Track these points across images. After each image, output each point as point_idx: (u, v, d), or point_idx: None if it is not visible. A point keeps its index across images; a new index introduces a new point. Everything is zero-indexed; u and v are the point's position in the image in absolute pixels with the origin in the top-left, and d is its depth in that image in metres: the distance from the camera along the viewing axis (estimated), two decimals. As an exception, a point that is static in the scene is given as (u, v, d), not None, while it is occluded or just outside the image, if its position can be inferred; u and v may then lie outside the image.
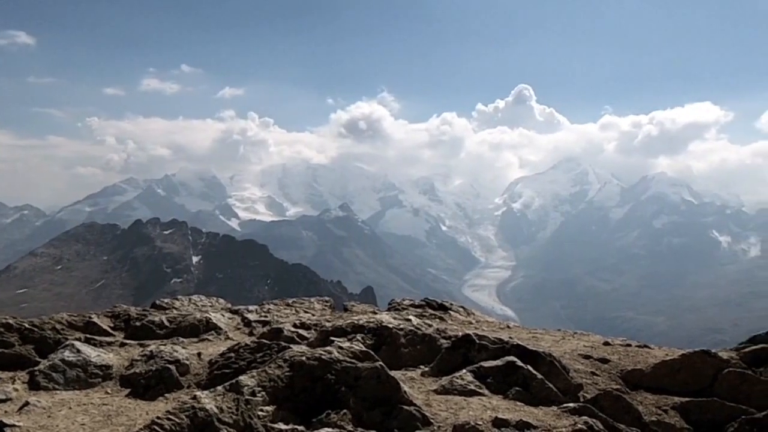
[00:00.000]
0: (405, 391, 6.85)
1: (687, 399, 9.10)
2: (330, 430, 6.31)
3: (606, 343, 10.82)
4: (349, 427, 6.43)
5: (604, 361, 9.72)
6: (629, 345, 10.91)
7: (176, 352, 8.42)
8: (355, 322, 9.21)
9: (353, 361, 7.03)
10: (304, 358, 7.00)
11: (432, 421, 6.62)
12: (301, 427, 6.43)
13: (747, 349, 10.60)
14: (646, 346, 10.94)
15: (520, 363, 7.87)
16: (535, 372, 7.80)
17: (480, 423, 6.53)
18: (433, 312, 12.04)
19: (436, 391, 7.59)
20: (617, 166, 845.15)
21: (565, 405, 7.28)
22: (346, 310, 12.51)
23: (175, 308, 11.95)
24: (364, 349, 7.36)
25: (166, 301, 12.48)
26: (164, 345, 8.96)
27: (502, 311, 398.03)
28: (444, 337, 9.13)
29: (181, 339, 9.92)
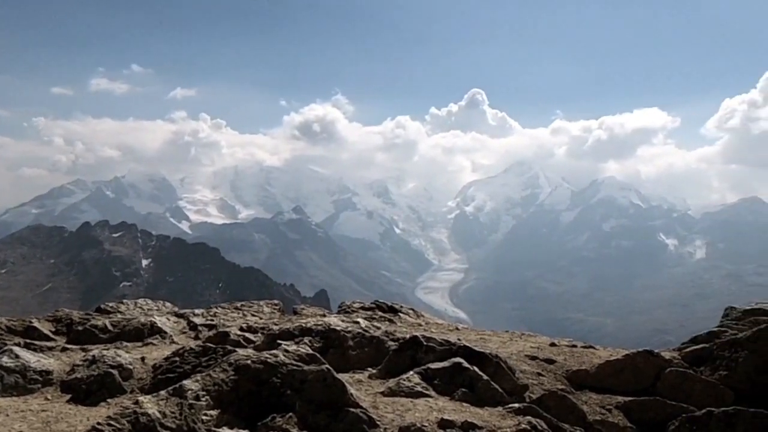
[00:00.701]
0: (351, 394, 6.84)
1: (630, 398, 9.26)
2: (275, 433, 6.29)
3: (552, 344, 10.95)
4: (295, 431, 6.40)
5: (550, 361, 9.84)
6: (575, 346, 11.06)
7: (119, 356, 8.28)
8: (303, 325, 9.19)
9: (299, 364, 7.01)
10: (249, 361, 6.96)
11: (378, 423, 6.62)
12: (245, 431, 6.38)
13: (688, 349, 10.83)
14: (591, 347, 11.10)
15: (466, 364, 7.92)
16: (481, 373, 7.86)
17: (426, 424, 6.56)
18: (383, 314, 12.04)
19: (383, 393, 7.60)
20: (568, 170, 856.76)
21: (510, 405, 7.35)
22: (295, 313, 12.46)
23: (120, 312, 11.75)
24: (310, 352, 7.34)
25: (111, 305, 12.27)
26: (107, 349, 8.80)
27: (454, 313, 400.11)
28: (392, 340, 9.14)
29: (124, 343, 9.76)
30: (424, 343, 8.47)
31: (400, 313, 12.33)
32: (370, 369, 8.61)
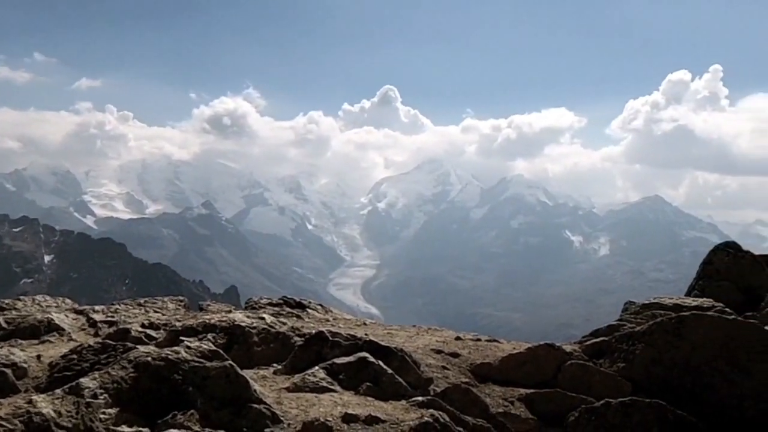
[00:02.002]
0: (255, 390, 6.78)
1: (532, 390, 9.49)
2: (176, 431, 6.16)
3: (458, 338, 11.12)
4: (197, 428, 6.29)
5: (455, 355, 9.99)
6: (479, 340, 11.25)
7: (13, 354, 7.94)
8: (207, 321, 9.04)
9: (202, 360, 6.88)
10: (149, 358, 6.79)
11: (282, 418, 6.59)
12: (145, 429, 6.23)
13: (588, 342, 11.18)
14: (495, 341, 11.33)
15: (371, 359, 7.97)
16: (386, 367, 7.91)
17: (330, 419, 6.56)
18: (290, 310, 11.96)
19: (287, 389, 7.57)
20: (478, 168, 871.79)
21: (414, 399, 7.43)
22: (201, 309, 12.25)
23: (16, 309, 11.29)
24: (213, 348, 7.22)
25: (6, 302, 11.77)
26: (0, 348, 8.44)
27: (366, 309, 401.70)
28: (298, 335, 9.11)
29: (19, 341, 9.38)
30: (330, 339, 8.47)
31: (308, 309, 12.27)
32: (275, 365, 8.56)
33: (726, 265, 15.89)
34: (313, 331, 8.84)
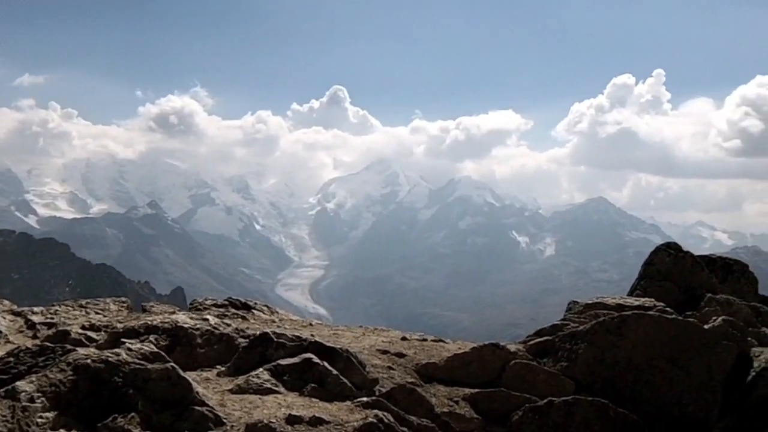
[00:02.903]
0: (198, 392, 6.69)
1: (477, 390, 9.57)
2: (116, 435, 6.04)
3: (404, 339, 11.14)
4: (137, 431, 6.18)
5: (401, 355, 10.01)
6: (425, 340, 11.29)
7: (-54, 358, 7.70)
8: (149, 322, 8.89)
9: (143, 362, 6.77)
10: (89, 361, 6.65)
11: (225, 421, 6.52)
12: (84, 434, 6.10)
13: (532, 342, 11.32)
14: (441, 341, 11.38)
15: (316, 360, 7.94)
16: (331, 368, 7.89)
17: (274, 421, 6.51)
18: (235, 311, 11.84)
19: (231, 391, 7.49)
20: (426, 169, 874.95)
21: (359, 399, 7.42)
22: (144, 311, 12.04)
23: (-49, 311, 10.95)
24: (155, 350, 7.10)
25: (-60, 304, 11.41)
26: (-68, 351, 8.17)
27: (314, 310, 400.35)
28: (243, 337, 9.02)
29: (-47, 344, 9.11)
30: (275, 340, 8.41)
31: (253, 310, 12.16)
32: (219, 367, 8.47)
33: (667, 266, 16.24)
34: (258, 333, 8.77)
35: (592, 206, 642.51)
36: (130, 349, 6.95)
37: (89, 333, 9.21)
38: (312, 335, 9.08)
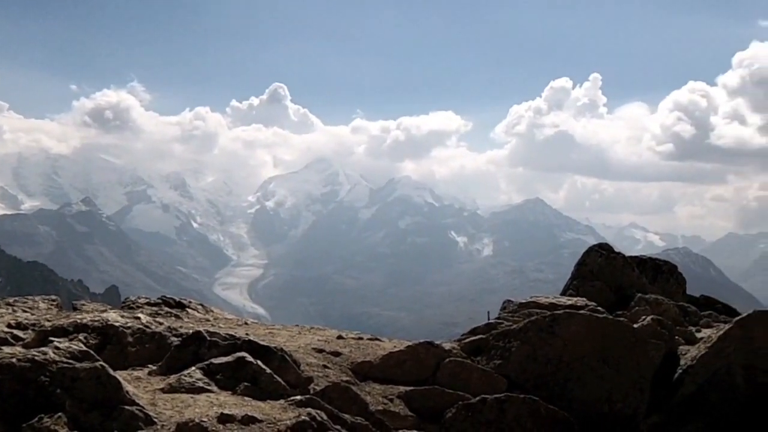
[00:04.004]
0: (128, 391, 6.59)
1: (411, 388, 9.65)
2: (41, 435, 5.90)
3: (339, 337, 11.17)
4: (64, 431, 6.05)
5: (336, 354, 10.03)
6: (361, 338, 11.34)
7: None
8: (78, 321, 8.69)
9: (71, 361, 6.63)
10: (14, 359, 6.48)
11: (155, 420, 6.43)
12: (8, 435, 5.95)
13: (467, 340, 11.48)
14: (377, 339, 11.44)
15: (250, 358, 7.89)
16: (264, 367, 7.86)
17: (205, 420, 6.45)
18: (169, 310, 11.66)
19: (162, 390, 7.39)
20: (366, 169, 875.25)
21: (292, 398, 7.41)
22: (75, 309, 11.76)
23: None
24: (83, 349, 6.96)
25: None
26: None
27: (252, 309, 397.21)
28: (175, 335, 8.91)
29: None
30: (208, 338, 8.34)
31: (188, 309, 12.01)
32: (150, 366, 8.34)
33: (599, 266, 16.62)
34: (191, 331, 8.67)
35: (529, 207, 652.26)
36: (57, 348, 6.79)
37: (15, 332, 8.93)
38: (247, 334, 9.03)
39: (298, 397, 7.39)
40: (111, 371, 6.61)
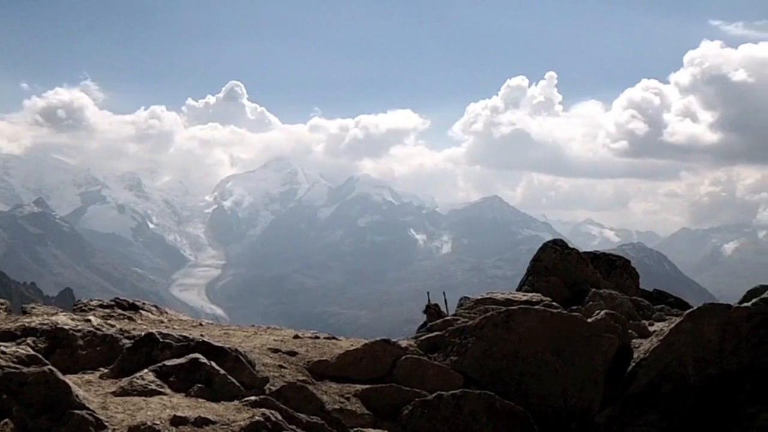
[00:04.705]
0: (77, 395, 6.47)
1: (368, 386, 9.65)
2: (-13, 442, 5.77)
3: (296, 337, 11.13)
4: (12, 438, 5.93)
5: (293, 353, 9.99)
6: (318, 337, 11.31)
7: None
8: (26, 324, 8.54)
9: (18, 366, 6.49)
10: (-41, 365, 6.33)
11: (106, 424, 6.33)
12: (-48, 443, 5.81)
13: (424, 338, 11.51)
14: (333, 338, 11.42)
15: (204, 360, 7.81)
16: (218, 368, 7.79)
17: (158, 422, 6.37)
18: (122, 312, 11.50)
19: (114, 393, 7.28)
20: (325, 167, 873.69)
21: (247, 398, 7.36)
22: (24, 312, 11.53)
23: None
24: (31, 353, 6.82)
25: None
26: None
27: (211, 310, 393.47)
28: (127, 338, 8.79)
29: None
30: (161, 340, 8.24)
31: (141, 311, 11.86)
32: (102, 369, 8.22)
33: (554, 262, 16.81)
34: (144, 333, 8.56)
35: (487, 205, 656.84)
36: (3, 353, 6.65)
37: (-39, 336, 8.75)
38: (201, 335, 8.94)
39: (253, 398, 7.35)
40: (60, 375, 6.49)
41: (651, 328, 13.89)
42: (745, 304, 12.38)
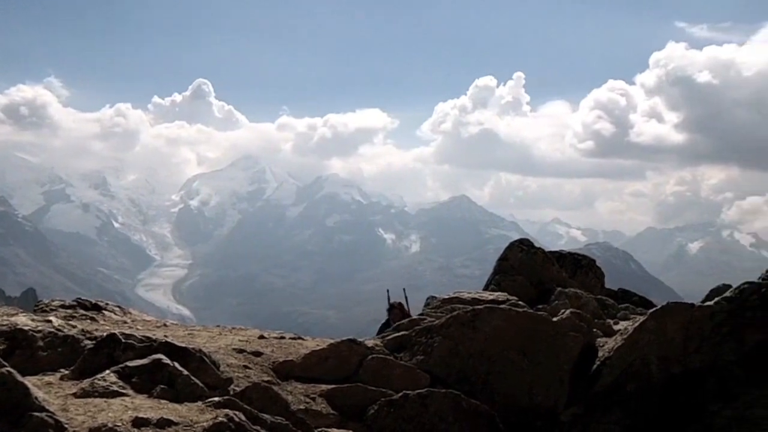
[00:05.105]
0: (37, 397, 6.34)
1: (334, 386, 9.62)
2: (-57, 446, 5.65)
3: (261, 337, 11.06)
4: (-32, 441, 5.80)
5: (258, 354, 9.92)
6: (283, 337, 11.25)
7: None
8: (-15, 325, 8.37)
9: (-25, 368, 6.35)
10: None
11: (66, 426, 6.21)
12: None
13: (390, 337, 11.51)
14: (299, 338, 11.37)
15: (167, 360, 7.71)
16: (182, 369, 7.69)
17: (119, 424, 6.27)
18: (84, 313, 11.33)
19: (75, 395, 7.15)
20: (293, 166, 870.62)
21: (210, 399, 7.28)
22: (-17, 313, 11.32)
23: None
24: (-11, 354, 6.69)
25: None
26: None
27: (177, 311, 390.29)
28: (89, 338, 8.65)
29: None
30: (123, 341, 8.12)
31: (104, 311, 11.69)
32: (63, 370, 8.07)
33: (520, 261, 16.92)
34: (105, 334, 8.43)
35: (456, 204, 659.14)
36: (-40, 355, 6.51)
37: None
38: (165, 336, 8.85)
39: (216, 399, 7.27)
40: (19, 377, 6.36)
41: (616, 327, 14.03)
42: (708, 303, 12.54)
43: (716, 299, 12.53)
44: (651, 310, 12.74)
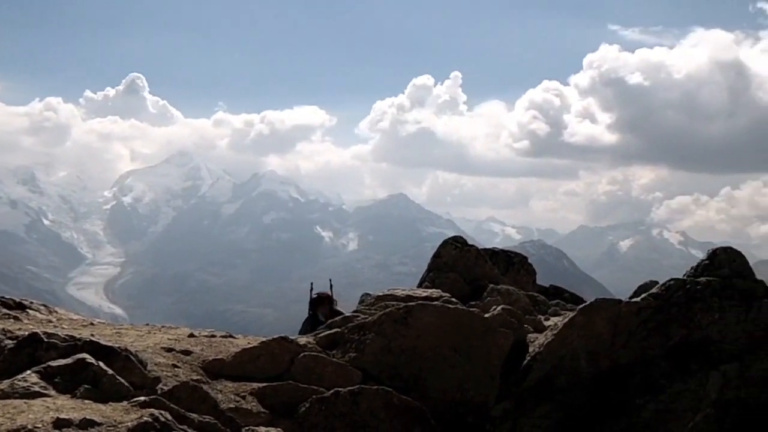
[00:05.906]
0: (-48, 400, 6.13)
1: (264, 384, 9.55)
2: None
3: (191, 335, 10.90)
4: None
5: (187, 353, 9.77)
6: (214, 336, 11.11)
7: None
8: None
9: None
10: None
11: (-16, 428, 6.02)
12: None
13: (323, 334, 11.47)
14: (230, 336, 11.24)
15: (91, 360, 7.53)
16: (106, 368, 7.52)
17: (39, 425, 6.10)
18: (7, 312, 10.98)
19: (-6, 397, 6.92)
20: (229, 163, 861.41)
21: (135, 399, 7.14)
22: None
23: None
24: None
25: None
26: None
27: (110, 310, 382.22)
28: (10, 338, 8.37)
29: None
30: (45, 340, 7.89)
31: (28, 310, 11.36)
32: (-18, 371, 7.80)
33: (453, 258, 17.06)
34: (27, 333, 8.19)
35: (393, 202, 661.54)
36: None
37: None
38: (91, 335, 8.64)
39: (142, 398, 7.13)
40: (-68, 379, 6.14)
41: (546, 323, 14.27)
42: (635, 299, 12.86)
43: (643, 295, 12.86)
44: (580, 306, 13.01)
